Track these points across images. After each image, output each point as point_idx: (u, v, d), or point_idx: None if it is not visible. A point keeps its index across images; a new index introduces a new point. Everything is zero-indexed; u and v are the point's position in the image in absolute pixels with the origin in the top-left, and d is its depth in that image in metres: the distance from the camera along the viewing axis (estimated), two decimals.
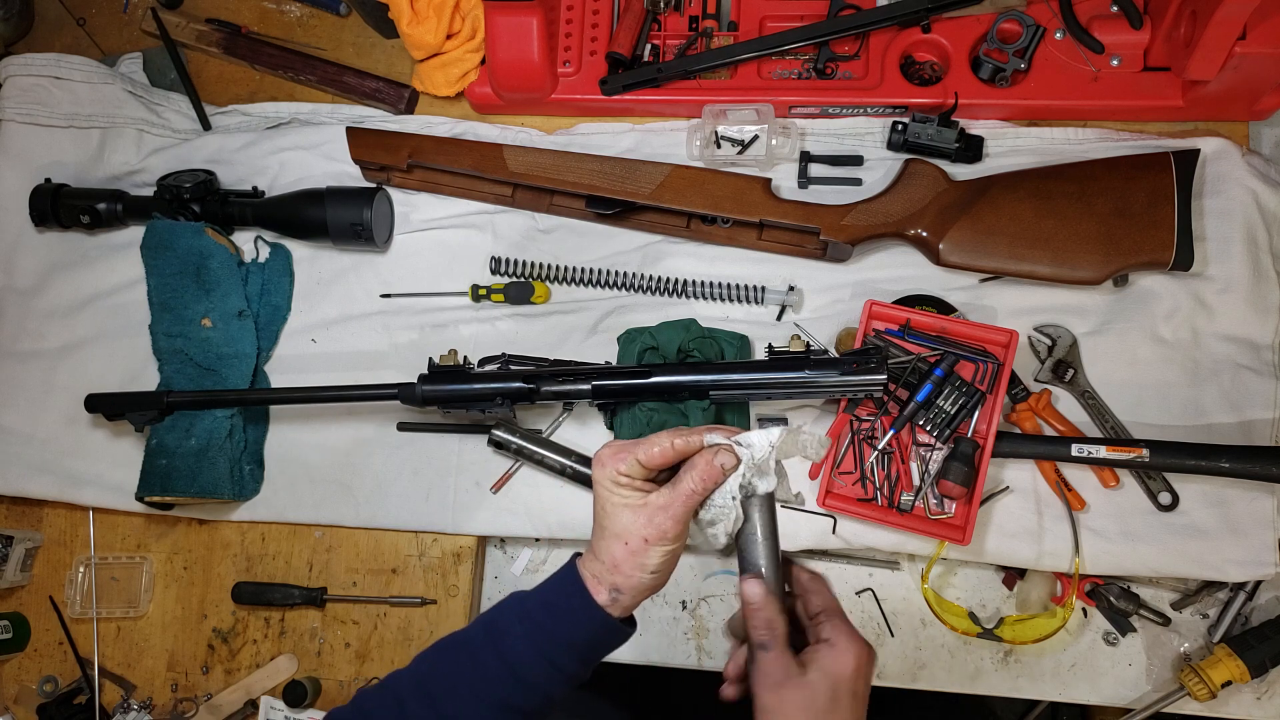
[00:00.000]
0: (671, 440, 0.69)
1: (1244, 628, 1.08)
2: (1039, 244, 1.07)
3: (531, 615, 0.71)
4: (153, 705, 1.22)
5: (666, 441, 0.69)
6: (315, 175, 1.27)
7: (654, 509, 0.68)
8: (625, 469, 0.69)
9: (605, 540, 0.70)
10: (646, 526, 0.68)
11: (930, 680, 1.13)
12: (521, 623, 0.71)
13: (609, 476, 0.69)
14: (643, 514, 0.68)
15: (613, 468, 0.69)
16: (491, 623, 0.73)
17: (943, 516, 1.06)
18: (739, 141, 1.20)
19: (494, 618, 0.74)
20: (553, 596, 0.72)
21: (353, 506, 1.20)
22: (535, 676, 0.70)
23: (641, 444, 0.70)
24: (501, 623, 0.72)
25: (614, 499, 0.69)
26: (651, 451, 0.69)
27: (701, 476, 0.68)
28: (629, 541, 0.68)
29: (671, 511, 0.68)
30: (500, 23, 1.16)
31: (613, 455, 0.70)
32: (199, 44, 1.36)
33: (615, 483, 0.69)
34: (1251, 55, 1.01)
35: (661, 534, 0.68)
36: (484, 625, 0.73)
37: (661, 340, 1.11)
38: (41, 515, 1.29)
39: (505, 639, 0.71)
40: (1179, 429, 1.08)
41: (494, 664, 0.70)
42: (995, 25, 1.14)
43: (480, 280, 1.22)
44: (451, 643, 0.74)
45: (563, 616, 0.71)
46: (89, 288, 1.29)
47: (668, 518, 0.68)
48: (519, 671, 0.70)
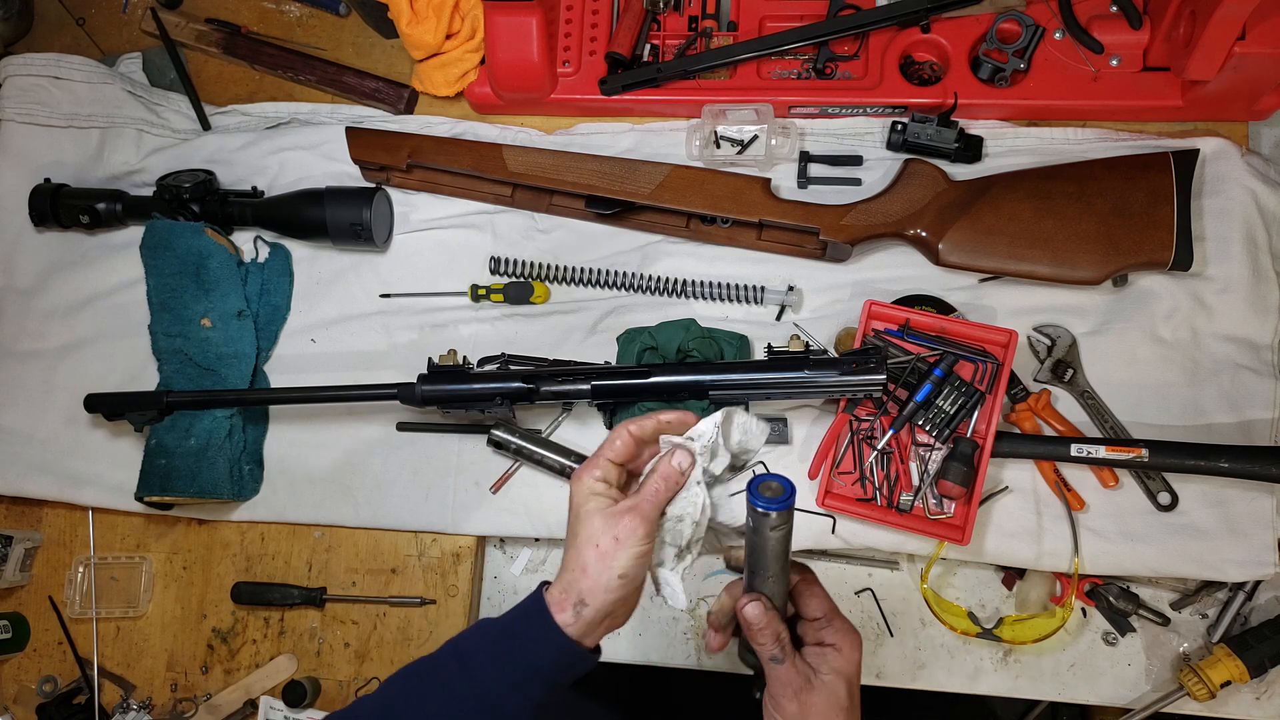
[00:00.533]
0: (627, 428, 0.72)
1: (1243, 628, 1.08)
2: (1038, 244, 1.07)
3: (497, 641, 0.72)
4: (152, 705, 1.22)
5: (624, 431, 0.72)
6: (315, 175, 1.27)
7: (623, 509, 0.70)
8: (600, 474, 0.71)
9: (576, 548, 0.71)
10: (616, 526, 0.69)
11: (930, 680, 1.13)
12: (489, 649, 0.72)
13: (586, 487, 0.71)
14: (612, 516, 0.70)
15: (589, 476, 0.71)
16: (458, 649, 0.73)
17: (942, 516, 1.06)
18: (738, 141, 1.20)
19: (460, 644, 0.74)
20: (517, 622, 0.73)
21: (352, 506, 1.20)
22: (502, 703, 0.70)
23: (604, 445, 0.72)
24: (468, 649, 0.73)
25: (587, 506, 0.71)
26: (615, 446, 0.72)
27: (663, 477, 0.71)
28: (600, 543, 0.69)
29: (640, 510, 0.70)
30: (500, 23, 1.16)
31: (585, 467, 0.72)
32: (199, 44, 1.36)
33: (592, 491, 0.71)
34: (1251, 55, 1.01)
35: (631, 531, 0.69)
36: (451, 651, 0.74)
37: (661, 340, 1.11)
38: (41, 515, 1.29)
39: (471, 666, 0.71)
40: (1178, 429, 1.08)
41: (461, 691, 0.71)
42: (995, 25, 1.14)
43: (480, 280, 1.22)
44: (419, 669, 0.74)
45: (526, 641, 0.71)
46: (89, 288, 1.30)
47: (636, 516, 0.70)
48: (486, 699, 0.70)
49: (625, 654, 1.18)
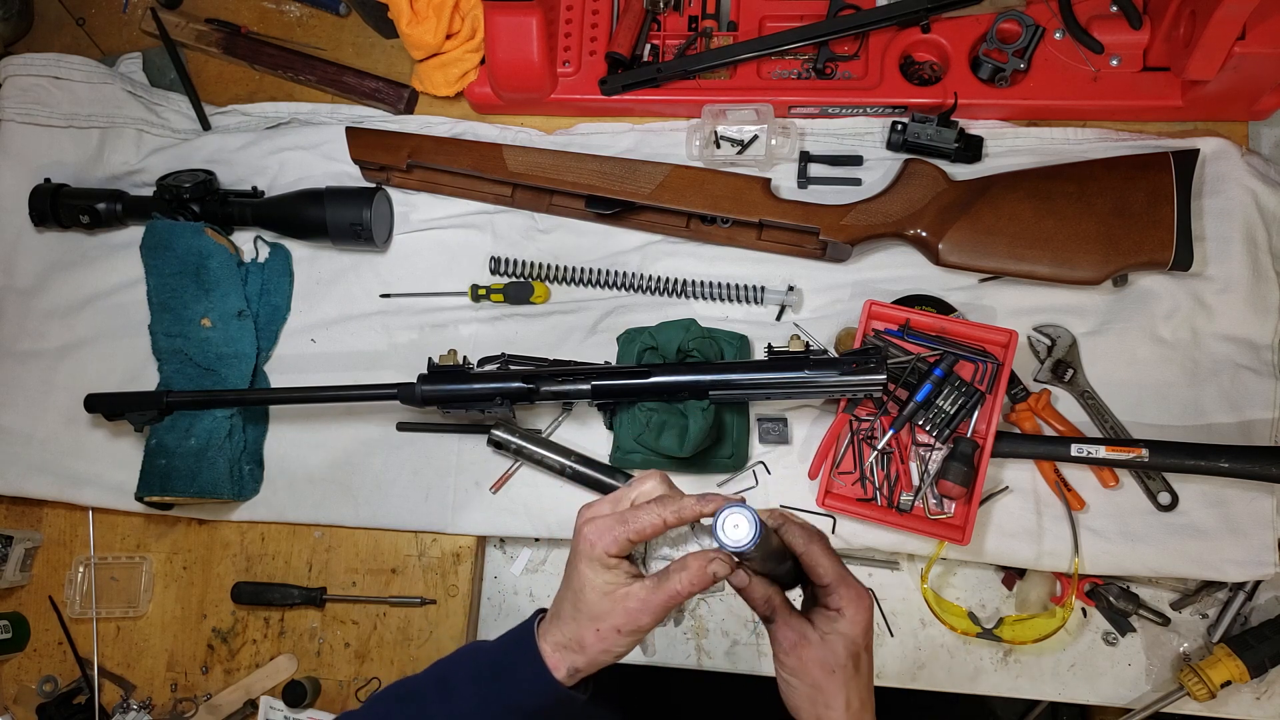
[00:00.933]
0: (663, 517, 0.65)
1: (1243, 628, 1.08)
2: (1038, 244, 1.07)
3: (484, 677, 0.69)
4: (152, 705, 1.22)
5: (658, 518, 0.65)
6: (315, 175, 1.27)
7: (635, 601, 0.65)
8: (616, 550, 0.65)
9: (578, 620, 0.67)
10: (622, 617, 0.65)
11: (930, 680, 1.13)
12: (473, 681, 0.69)
13: (597, 558, 0.65)
14: (620, 604, 0.65)
15: (602, 549, 0.65)
16: (444, 675, 0.72)
17: (942, 516, 1.06)
18: (738, 141, 1.20)
19: (447, 673, 0.72)
20: (508, 660, 0.70)
21: (352, 506, 1.20)
22: None
23: (630, 521, 0.65)
24: (453, 677, 0.71)
25: (595, 580, 0.66)
26: (643, 529, 0.65)
27: (692, 581, 0.64)
28: (600, 628, 0.66)
29: (651, 607, 0.65)
30: (500, 23, 1.16)
31: (599, 534, 0.65)
32: (199, 44, 1.36)
33: (604, 565, 0.65)
34: (1251, 55, 1.01)
35: (636, 627, 0.65)
36: (436, 680, 0.72)
37: (661, 340, 1.11)
38: (41, 515, 1.29)
39: (456, 696, 0.69)
40: (1178, 429, 1.08)
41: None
42: (995, 25, 1.14)
43: (480, 280, 1.22)
44: (403, 693, 0.73)
45: (516, 684, 0.68)
46: (89, 288, 1.30)
47: (646, 612, 0.65)
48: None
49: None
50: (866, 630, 0.68)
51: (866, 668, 0.69)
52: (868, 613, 0.69)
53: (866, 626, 0.68)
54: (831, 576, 0.69)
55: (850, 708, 0.68)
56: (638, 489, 0.68)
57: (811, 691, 0.68)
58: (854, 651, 0.68)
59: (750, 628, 1.17)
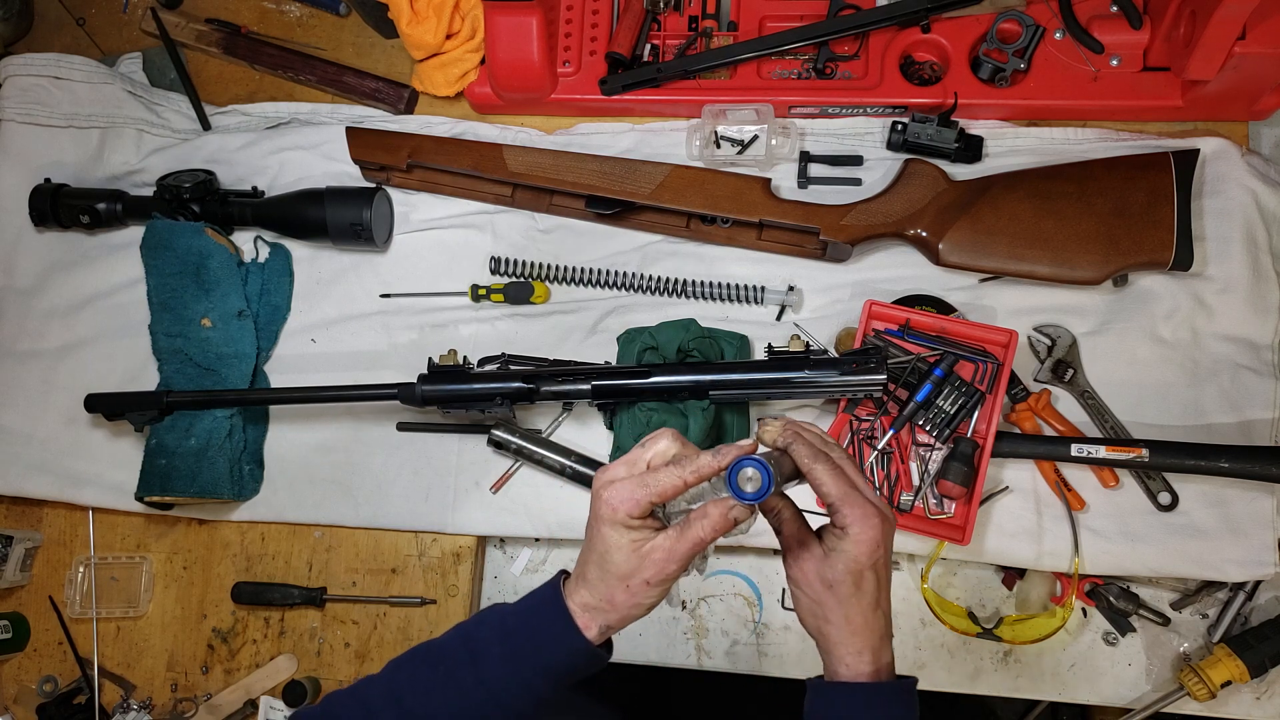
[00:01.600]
0: (683, 478, 0.66)
1: (1243, 628, 1.08)
2: (1039, 244, 1.07)
3: (512, 638, 0.70)
4: (152, 705, 1.22)
5: (678, 479, 0.66)
6: (315, 175, 1.27)
7: (660, 552, 0.67)
8: (639, 513, 0.67)
9: (605, 580, 0.68)
10: (651, 569, 0.67)
11: (930, 680, 1.13)
12: (501, 644, 0.70)
13: (620, 522, 0.67)
14: (648, 558, 0.67)
15: (625, 513, 0.66)
16: (470, 638, 0.72)
17: (942, 516, 1.06)
18: (739, 141, 1.20)
19: (472, 633, 0.73)
20: (536, 621, 0.71)
21: (352, 506, 1.20)
22: (511, 699, 0.70)
23: (651, 484, 0.66)
24: (480, 640, 0.71)
25: (620, 540, 0.67)
26: (665, 491, 0.66)
27: (714, 528, 0.66)
28: (630, 584, 0.68)
29: (678, 556, 0.67)
30: (500, 23, 1.16)
31: (620, 498, 0.67)
32: (199, 44, 1.36)
33: (626, 525, 0.67)
34: (1251, 55, 1.01)
35: (665, 576, 0.67)
36: (462, 640, 0.72)
37: (661, 340, 1.11)
38: (41, 515, 1.29)
39: (484, 659, 0.70)
40: (1178, 429, 1.08)
41: (470, 683, 0.70)
42: (995, 25, 1.14)
43: (480, 280, 1.22)
44: (427, 655, 0.73)
45: (546, 644, 0.70)
46: (89, 288, 1.30)
47: (672, 561, 0.67)
48: (495, 693, 0.69)
49: (625, 654, 1.18)
50: (872, 550, 0.67)
51: (871, 588, 0.68)
52: (875, 532, 0.67)
53: (872, 547, 0.67)
54: (835, 496, 0.68)
55: (850, 624, 0.68)
56: (652, 449, 0.69)
57: (812, 604, 0.70)
58: (854, 570, 0.67)
59: (750, 628, 1.17)
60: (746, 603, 1.18)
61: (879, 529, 0.67)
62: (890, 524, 0.69)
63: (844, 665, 0.68)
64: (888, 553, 0.69)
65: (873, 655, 0.68)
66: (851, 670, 0.68)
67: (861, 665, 0.68)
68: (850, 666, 0.68)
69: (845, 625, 0.68)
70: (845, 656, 0.68)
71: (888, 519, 0.68)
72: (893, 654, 0.70)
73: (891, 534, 0.69)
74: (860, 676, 0.68)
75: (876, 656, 0.68)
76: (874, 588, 0.68)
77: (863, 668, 0.68)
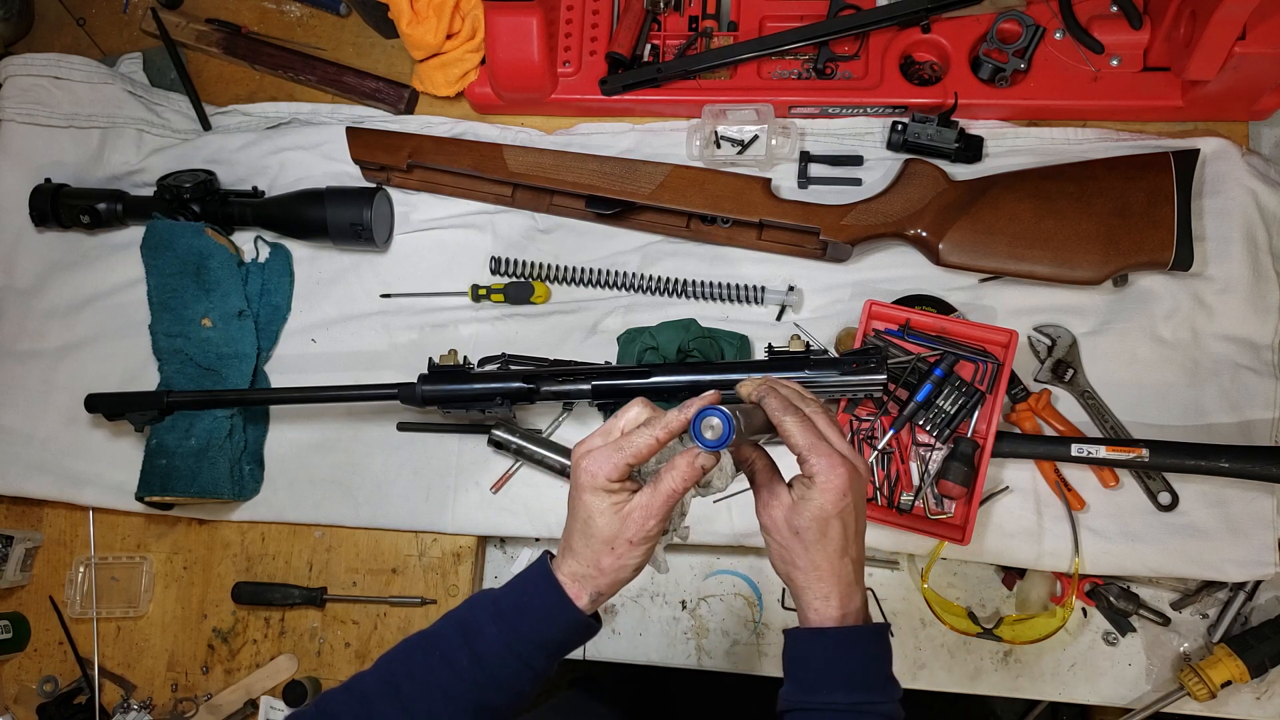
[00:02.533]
0: (655, 436, 0.69)
1: (1244, 628, 1.08)
2: (1039, 244, 1.07)
3: (506, 616, 0.72)
4: (153, 705, 1.22)
5: (650, 438, 0.69)
6: (315, 175, 1.27)
7: (638, 510, 0.69)
8: (617, 476, 0.69)
9: (590, 546, 0.70)
10: (632, 528, 0.69)
11: (930, 680, 1.13)
12: (495, 623, 0.71)
13: (600, 487, 0.69)
14: (629, 518, 0.69)
15: (604, 477, 0.69)
16: (463, 621, 0.73)
17: (942, 516, 1.06)
18: (739, 141, 1.20)
19: (465, 617, 0.74)
20: (528, 598, 0.73)
21: (353, 506, 1.20)
22: (509, 676, 0.71)
23: (626, 447, 0.69)
24: (474, 623, 0.72)
25: (600, 505, 0.69)
26: (640, 450, 0.69)
27: (683, 477, 0.68)
28: (615, 546, 0.70)
29: (654, 510, 0.69)
30: (500, 23, 1.16)
31: (599, 464, 0.69)
32: (199, 44, 1.36)
33: (606, 490, 0.69)
34: (1251, 55, 1.01)
35: (646, 534, 0.69)
36: (455, 624, 0.73)
37: (661, 340, 1.11)
38: (41, 515, 1.29)
39: (479, 639, 0.71)
40: (1179, 429, 1.08)
41: (467, 664, 0.71)
42: (995, 25, 1.14)
43: (480, 280, 1.22)
44: (420, 643, 0.74)
45: (539, 618, 0.71)
46: (89, 288, 1.30)
47: (650, 516, 0.69)
48: (493, 672, 0.70)
49: (625, 654, 1.18)
50: (838, 498, 0.68)
51: (838, 535, 0.69)
52: (841, 481, 0.68)
53: (838, 495, 0.68)
54: (801, 446, 0.69)
55: (817, 569, 0.69)
56: (624, 417, 0.71)
57: (780, 549, 0.71)
58: (820, 517, 0.68)
59: (750, 628, 1.17)
60: (747, 603, 1.18)
61: (845, 478, 0.68)
62: (860, 474, 0.70)
63: (812, 610, 0.70)
64: (858, 501, 0.70)
65: (840, 600, 0.70)
66: (820, 615, 0.70)
67: (829, 610, 0.69)
68: (819, 611, 0.70)
69: (812, 570, 0.70)
70: (813, 601, 0.70)
71: (857, 470, 0.70)
72: (864, 599, 0.72)
73: (862, 484, 0.71)
74: (828, 621, 0.70)
75: (845, 601, 0.70)
76: (840, 535, 0.69)
77: (830, 612, 0.69)
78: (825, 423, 0.72)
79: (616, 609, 1.20)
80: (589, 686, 1.48)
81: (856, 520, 0.70)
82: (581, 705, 1.29)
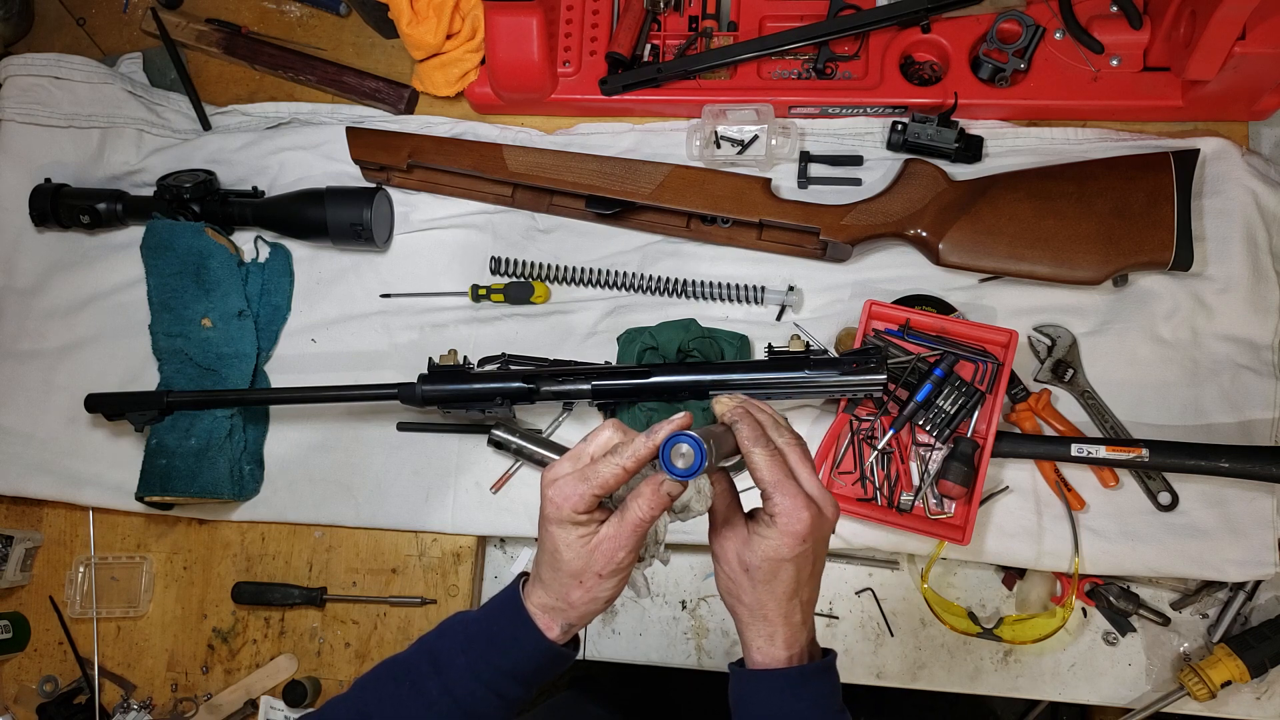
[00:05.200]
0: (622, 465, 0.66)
1: (1243, 628, 1.08)
2: (1039, 244, 1.07)
3: (476, 646, 0.70)
4: (153, 705, 1.22)
5: (617, 468, 0.65)
6: (315, 175, 1.27)
7: (606, 542, 0.66)
8: (584, 508, 0.66)
9: (559, 579, 0.68)
10: (600, 561, 0.66)
11: (930, 680, 1.13)
12: (465, 654, 0.70)
13: (566, 519, 0.66)
14: (596, 550, 0.67)
15: (569, 509, 0.66)
16: (433, 650, 0.72)
17: (942, 516, 1.06)
18: (739, 141, 1.20)
19: (435, 645, 0.72)
20: (498, 628, 0.71)
21: (353, 506, 1.20)
22: (480, 707, 0.69)
23: (592, 478, 0.66)
24: (444, 653, 0.71)
25: (567, 538, 0.67)
26: (606, 481, 0.65)
27: (650, 506, 0.65)
28: (584, 580, 0.67)
29: (621, 542, 0.66)
30: (500, 23, 1.16)
31: (564, 495, 0.66)
32: (199, 44, 1.36)
33: (572, 522, 0.66)
34: (1251, 55, 1.01)
35: (616, 566, 0.67)
36: (426, 654, 0.72)
37: (661, 340, 1.11)
38: (41, 515, 1.29)
39: (449, 671, 0.70)
40: (1179, 429, 1.08)
41: (437, 696, 0.69)
42: (995, 25, 1.14)
43: (480, 280, 1.22)
44: (391, 670, 0.73)
45: (510, 650, 0.69)
46: (89, 288, 1.30)
47: (619, 548, 0.66)
48: (464, 704, 0.69)
49: (625, 654, 1.18)
50: (795, 543, 0.65)
51: (788, 579, 0.66)
52: (801, 526, 0.65)
53: (795, 540, 0.65)
54: (768, 482, 0.66)
55: (762, 608, 0.67)
56: (595, 441, 0.68)
57: (726, 581, 0.70)
58: (774, 559, 0.66)
59: None
60: None
61: (807, 523, 0.65)
62: (825, 517, 0.67)
63: (756, 649, 0.69)
64: (817, 546, 0.67)
65: (785, 640, 0.68)
66: (765, 655, 0.68)
67: (774, 650, 0.68)
68: (763, 651, 0.68)
69: (758, 609, 0.68)
70: (756, 639, 0.69)
71: (822, 513, 0.67)
72: (812, 633, 0.70)
73: (826, 529, 0.68)
74: (775, 661, 0.68)
75: (790, 641, 0.68)
76: (792, 579, 0.67)
77: (775, 652, 0.68)
78: (798, 457, 0.69)
79: (617, 609, 1.20)
80: (588, 687, 1.48)
81: (814, 563, 0.68)
82: (581, 705, 1.29)
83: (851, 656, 1.14)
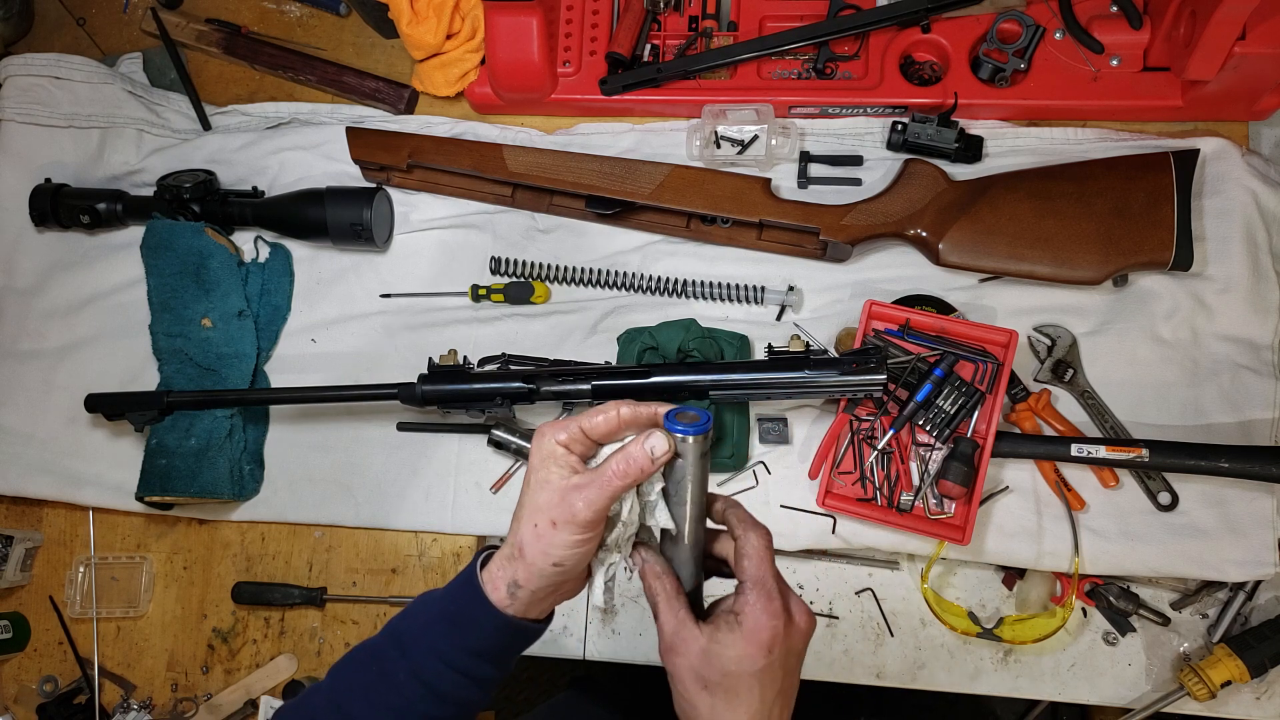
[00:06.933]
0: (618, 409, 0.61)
1: (1243, 628, 1.08)
2: (1039, 244, 1.07)
3: (434, 625, 0.66)
4: (153, 705, 1.22)
5: (613, 410, 0.61)
6: (315, 175, 1.27)
7: (569, 487, 0.60)
8: (565, 438, 0.62)
9: (519, 519, 0.63)
10: (558, 507, 0.60)
11: (930, 680, 1.13)
12: (425, 633, 0.67)
13: (546, 447, 0.62)
14: (559, 493, 0.61)
15: (551, 437, 0.62)
16: (398, 632, 0.69)
17: (942, 516, 1.06)
18: (739, 141, 1.20)
19: (400, 626, 0.69)
20: (452, 604, 0.67)
21: (353, 506, 1.20)
22: (449, 688, 0.66)
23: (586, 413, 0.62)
24: (408, 633, 0.68)
25: (540, 473, 0.62)
26: (595, 420, 0.61)
27: (627, 458, 0.59)
28: (538, 523, 0.61)
29: (585, 493, 0.60)
30: (500, 23, 1.16)
31: (554, 428, 0.62)
32: (199, 44, 1.36)
33: (551, 455, 0.62)
34: (1251, 55, 1.01)
35: (571, 516, 0.60)
36: (392, 635, 0.69)
37: (661, 340, 1.11)
38: (41, 515, 1.29)
39: (412, 652, 0.66)
40: (1179, 429, 1.08)
41: (404, 678, 0.66)
42: (995, 25, 1.14)
43: (480, 280, 1.22)
44: (362, 655, 0.70)
45: (463, 625, 0.65)
46: (89, 288, 1.30)
47: (580, 498, 0.60)
48: (432, 685, 0.66)
49: (625, 654, 1.18)
50: (760, 651, 0.58)
51: (754, 700, 0.59)
52: (767, 633, 0.58)
53: (762, 648, 0.58)
54: (751, 573, 0.60)
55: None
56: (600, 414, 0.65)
57: (681, 700, 0.62)
58: (734, 673, 0.58)
59: None
60: None
61: (776, 630, 0.59)
62: (797, 629, 0.61)
63: None
64: (787, 660, 0.60)
65: None
66: None
67: None
68: None
69: None
70: None
71: (793, 622, 0.60)
72: None
73: (798, 643, 0.61)
74: None
75: None
76: (756, 699, 0.59)
77: None
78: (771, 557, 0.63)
79: (617, 609, 1.20)
80: (588, 687, 1.48)
81: (784, 678, 0.61)
82: (580, 706, 1.28)
83: (851, 656, 1.14)
